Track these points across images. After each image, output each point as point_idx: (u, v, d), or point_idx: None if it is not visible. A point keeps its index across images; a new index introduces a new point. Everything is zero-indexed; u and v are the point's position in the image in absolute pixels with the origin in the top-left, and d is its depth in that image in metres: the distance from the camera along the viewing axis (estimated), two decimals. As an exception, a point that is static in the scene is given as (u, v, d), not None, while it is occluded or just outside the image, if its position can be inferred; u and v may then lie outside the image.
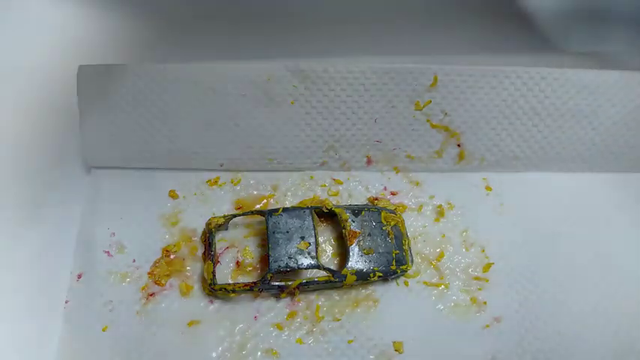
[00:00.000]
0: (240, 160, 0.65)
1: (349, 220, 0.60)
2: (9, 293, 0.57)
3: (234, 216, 0.61)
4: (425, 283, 0.60)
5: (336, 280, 0.57)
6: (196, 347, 0.55)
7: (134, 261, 0.59)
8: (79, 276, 0.58)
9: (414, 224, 0.63)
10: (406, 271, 0.60)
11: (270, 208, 0.63)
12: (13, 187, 0.64)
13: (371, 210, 0.62)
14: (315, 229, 0.59)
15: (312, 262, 0.56)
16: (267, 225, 0.58)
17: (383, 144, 0.65)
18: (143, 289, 0.58)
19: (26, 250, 0.60)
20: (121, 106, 0.62)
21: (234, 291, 0.56)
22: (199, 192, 0.64)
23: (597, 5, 0.77)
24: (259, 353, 0.55)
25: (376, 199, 0.65)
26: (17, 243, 0.60)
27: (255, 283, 0.56)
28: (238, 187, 0.65)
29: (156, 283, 0.58)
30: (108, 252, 0.59)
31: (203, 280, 0.58)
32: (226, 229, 0.61)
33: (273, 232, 0.58)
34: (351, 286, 0.59)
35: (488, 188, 0.66)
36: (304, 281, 0.57)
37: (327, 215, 0.62)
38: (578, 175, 0.68)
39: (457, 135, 0.65)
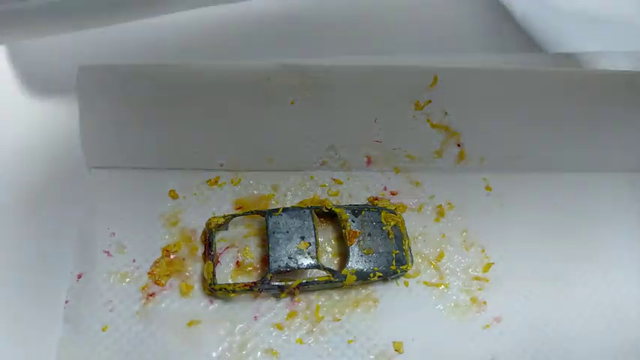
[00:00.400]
0: (240, 160, 0.65)
1: (349, 220, 0.60)
2: (9, 293, 0.57)
3: (234, 216, 0.61)
4: (425, 283, 0.60)
5: (336, 280, 0.57)
6: (196, 347, 0.55)
7: (134, 261, 0.59)
8: (79, 276, 0.58)
9: (414, 224, 0.63)
10: (406, 271, 0.60)
11: (270, 208, 0.63)
12: (13, 186, 0.64)
13: (371, 210, 0.62)
14: (315, 229, 0.59)
15: (312, 262, 0.56)
16: (267, 225, 0.59)
17: (383, 144, 0.65)
18: (143, 289, 0.58)
19: (26, 250, 0.60)
20: (121, 105, 0.62)
21: (234, 291, 0.56)
22: (199, 192, 0.64)
23: (597, 6, 0.77)
24: (259, 353, 0.55)
25: (376, 199, 0.65)
26: (17, 243, 0.60)
27: (255, 283, 0.56)
28: (238, 187, 0.65)
29: (156, 283, 0.58)
30: (108, 252, 0.59)
31: (203, 280, 0.58)
32: (226, 229, 0.61)
33: (273, 232, 0.58)
34: (351, 286, 0.59)
35: (488, 188, 0.66)
36: (304, 281, 0.57)
37: (327, 215, 0.62)
38: (578, 175, 0.68)
39: (457, 135, 0.65)
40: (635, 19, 0.73)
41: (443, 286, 0.60)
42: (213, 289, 0.56)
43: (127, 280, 0.58)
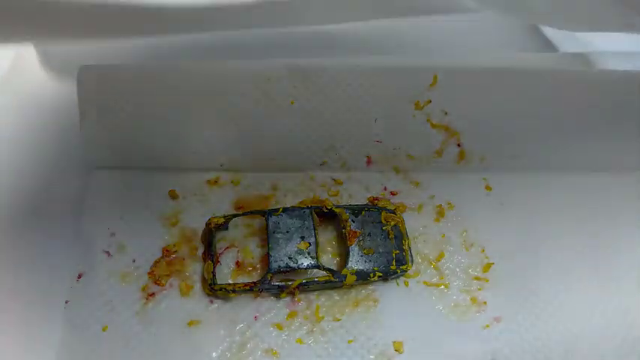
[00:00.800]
0: (240, 160, 0.65)
1: (349, 220, 0.60)
2: (9, 293, 0.57)
3: (234, 216, 0.61)
4: (425, 283, 0.60)
5: (336, 280, 0.57)
6: (196, 347, 0.55)
7: (134, 261, 0.59)
8: (79, 276, 0.58)
9: (414, 224, 0.63)
10: (406, 271, 0.60)
11: (270, 208, 0.63)
12: (14, 186, 0.64)
13: (371, 210, 0.62)
14: (315, 229, 0.59)
15: (312, 262, 0.56)
16: (267, 225, 0.59)
17: (383, 144, 0.65)
18: (143, 289, 0.58)
19: (26, 250, 0.60)
20: (122, 105, 0.62)
21: (234, 291, 0.56)
22: (199, 192, 0.64)
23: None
24: (259, 353, 0.55)
25: (376, 199, 0.65)
26: (17, 243, 0.60)
27: (255, 283, 0.56)
28: (238, 187, 0.65)
29: (156, 283, 0.58)
30: (108, 252, 0.59)
31: (203, 280, 0.58)
32: (226, 229, 0.61)
33: (273, 232, 0.58)
34: (351, 286, 0.59)
35: (488, 188, 0.66)
36: (304, 281, 0.57)
37: (327, 215, 0.62)
38: (578, 175, 0.68)
39: (457, 135, 0.65)
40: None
41: (443, 286, 0.60)
42: (213, 289, 0.56)
43: (127, 280, 0.58)
